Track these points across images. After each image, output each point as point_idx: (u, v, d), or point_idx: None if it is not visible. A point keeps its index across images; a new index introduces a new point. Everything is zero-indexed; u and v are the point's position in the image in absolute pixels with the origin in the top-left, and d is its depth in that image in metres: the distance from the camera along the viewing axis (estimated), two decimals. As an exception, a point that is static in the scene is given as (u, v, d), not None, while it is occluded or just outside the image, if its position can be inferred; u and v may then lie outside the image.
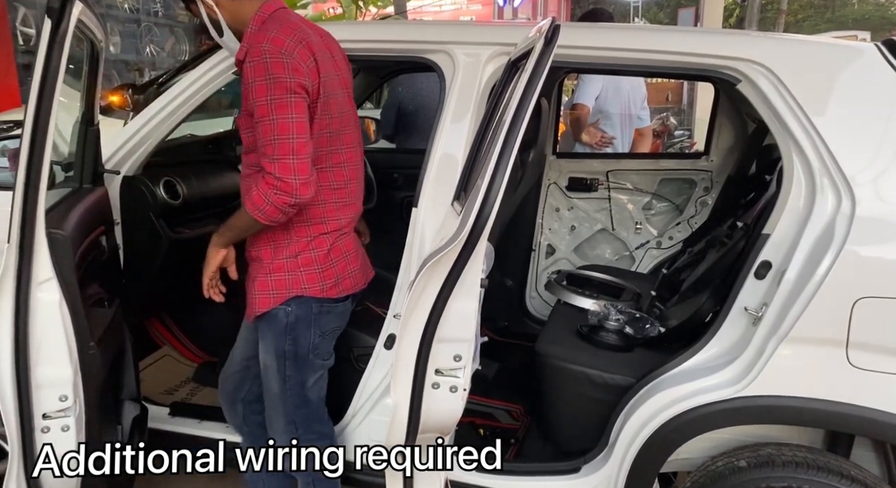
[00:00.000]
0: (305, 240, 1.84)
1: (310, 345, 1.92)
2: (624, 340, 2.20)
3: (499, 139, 1.15)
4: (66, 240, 1.35)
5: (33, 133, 1.23)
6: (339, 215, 1.90)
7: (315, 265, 1.86)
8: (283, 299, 1.84)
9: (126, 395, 2.06)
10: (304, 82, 1.64)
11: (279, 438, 1.96)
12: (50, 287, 1.31)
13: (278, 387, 1.96)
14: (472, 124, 2.04)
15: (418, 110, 3.81)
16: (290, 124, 1.60)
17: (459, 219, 1.30)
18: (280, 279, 1.83)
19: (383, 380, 2.13)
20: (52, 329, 1.32)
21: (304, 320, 1.88)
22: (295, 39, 1.66)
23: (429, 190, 2.06)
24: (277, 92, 1.59)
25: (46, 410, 1.35)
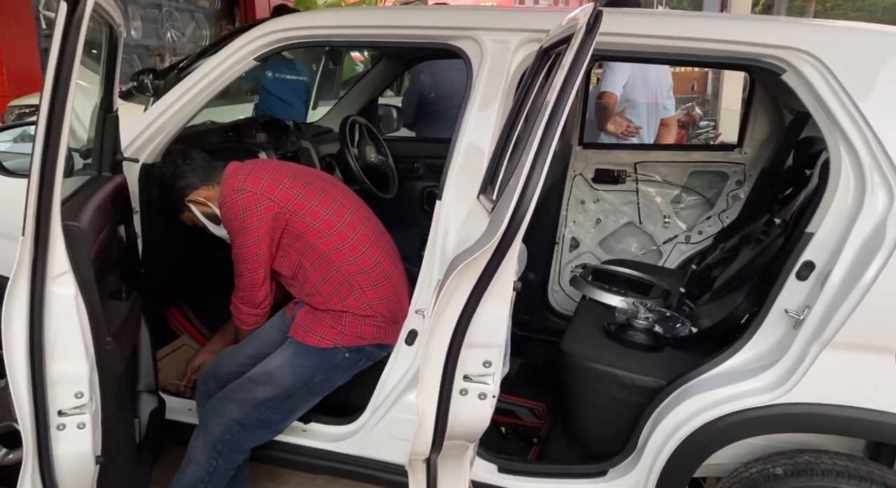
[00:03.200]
0: (383, 301, 2.04)
1: (334, 385, 2.02)
2: (653, 340, 2.12)
3: (537, 132, 1.08)
4: (83, 233, 1.30)
5: (48, 121, 1.18)
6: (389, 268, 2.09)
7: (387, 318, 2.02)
8: (348, 342, 1.96)
9: (143, 387, 2.03)
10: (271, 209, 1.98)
11: (216, 427, 1.95)
12: (65, 281, 1.27)
13: (265, 397, 1.96)
14: (499, 114, 1.97)
15: (440, 98, 3.73)
16: (252, 251, 2.01)
17: (490, 217, 1.23)
18: (353, 323, 1.97)
19: (403, 377, 2.08)
20: (67, 324, 1.28)
21: (350, 366, 2.00)
22: None
23: (453, 182, 2.00)
24: (238, 224, 2.00)
25: (62, 407, 1.31)
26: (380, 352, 2.09)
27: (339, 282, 1.98)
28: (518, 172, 1.12)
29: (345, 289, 1.99)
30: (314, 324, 2.01)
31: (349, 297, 1.99)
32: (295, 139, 3.00)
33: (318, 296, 2.01)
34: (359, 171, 2.97)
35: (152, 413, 1.95)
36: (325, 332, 1.99)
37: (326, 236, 1.97)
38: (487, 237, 1.12)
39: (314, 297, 2.02)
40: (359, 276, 1.99)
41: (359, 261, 1.99)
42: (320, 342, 1.99)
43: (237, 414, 1.95)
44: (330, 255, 1.97)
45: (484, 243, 1.12)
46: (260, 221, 1.93)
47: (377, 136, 3.26)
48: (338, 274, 1.98)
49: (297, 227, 1.96)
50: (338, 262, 1.97)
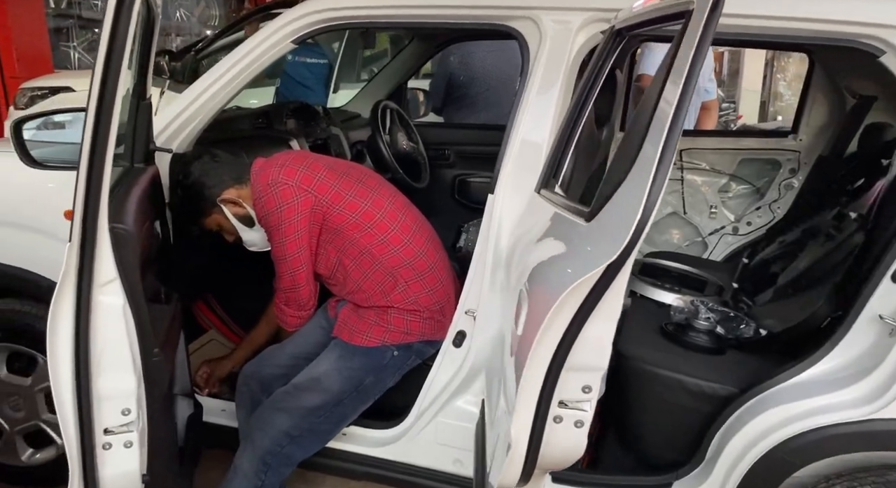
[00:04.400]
0: (428, 294, 1.92)
1: (385, 387, 1.92)
2: (716, 342, 2.00)
3: (663, 128, 0.94)
4: (129, 235, 1.19)
5: (97, 115, 1.06)
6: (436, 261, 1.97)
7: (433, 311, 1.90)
8: (396, 340, 1.85)
9: (179, 390, 1.92)
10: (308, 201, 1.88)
11: (264, 439, 1.84)
12: (113, 289, 1.15)
13: (314, 404, 1.85)
14: (560, 101, 1.83)
15: (470, 82, 3.59)
16: (292, 246, 1.91)
17: (589, 230, 1.10)
18: (399, 318, 1.86)
19: (452, 380, 1.97)
20: (115, 336, 1.17)
21: (399, 365, 1.90)
22: None
23: (508, 174, 1.87)
24: (276, 219, 1.89)
25: (108, 425, 1.20)
26: (428, 348, 1.98)
27: (383, 276, 1.87)
28: (638, 175, 0.98)
29: (388, 284, 1.87)
30: (359, 323, 1.90)
31: (393, 292, 1.88)
32: (325, 126, 2.87)
33: (361, 294, 1.90)
34: (391, 159, 2.85)
35: (190, 418, 1.85)
36: (372, 330, 1.88)
37: (366, 229, 1.85)
38: (598, 252, 0.99)
39: (357, 295, 1.91)
40: (402, 269, 1.87)
41: (401, 252, 1.87)
42: (367, 341, 1.88)
43: (286, 424, 1.84)
44: (371, 249, 1.85)
45: (592, 259, 0.98)
46: (298, 216, 1.81)
47: (408, 122, 3.13)
48: (380, 268, 1.87)
49: (334, 222, 1.84)
50: (380, 256, 1.86)
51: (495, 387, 1.74)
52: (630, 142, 1.05)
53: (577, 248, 1.10)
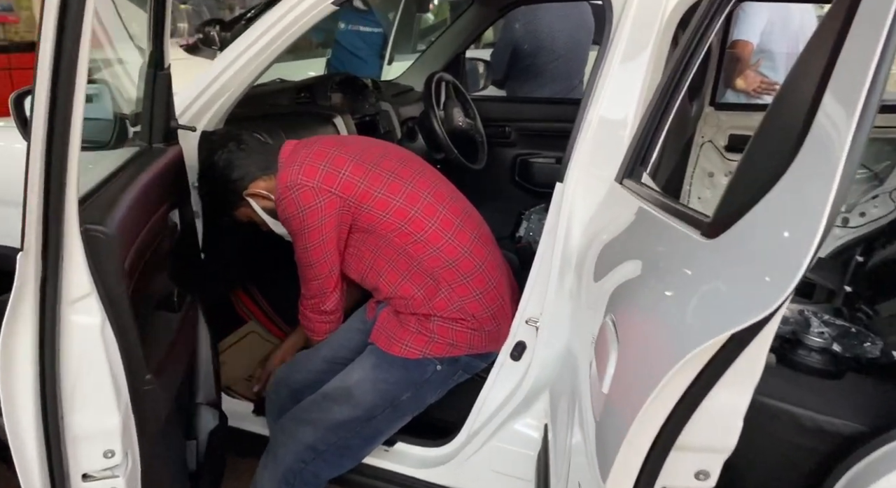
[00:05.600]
0: (477, 299, 1.65)
1: (425, 404, 1.68)
2: (832, 363, 1.65)
3: (854, 89, 0.60)
4: (111, 239, 0.95)
5: (53, 78, 0.81)
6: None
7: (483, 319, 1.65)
8: (439, 352, 1.62)
9: (203, 399, 1.71)
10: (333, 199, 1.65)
11: (287, 454, 1.64)
12: (88, 306, 0.92)
13: (343, 418, 1.62)
14: (649, 71, 1.50)
15: (537, 51, 3.25)
16: (319, 250, 1.70)
17: (714, 253, 0.74)
18: (443, 327, 1.62)
19: (509, 399, 1.70)
20: (92, 363, 0.94)
21: (443, 381, 1.67)
22: None
23: (582, 160, 1.56)
24: (300, 223, 1.67)
25: (88, 470, 0.99)
26: (478, 362, 1.71)
27: (422, 279, 1.61)
28: (801, 171, 0.64)
29: (429, 288, 1.61)
30: (399, 330, 1.64)
31: (435, 297, 1.61)
32: (373, 100, 2.60)
33: (399, 300, 1.64)
34: (445, 138, 2.55)
35: (212, 433, 1.64)
36: (412, 340, 1.62)
37: (400, 227, 1.59)
38: (736, 295, 0.66)
39: (395, 301, 1.65)
40: (444, 271, 1.60)
41: (442, 252, 1.60)
42: (406, 352, 1.62)
43: (311, 437, 1.62)
44: (407, 249, 1.59)
45: (727, 306, 0.65)
46: (322, 220, 1.58)
47: (465, 97, 2.82)
48: (419, 270, 1.60)
49: (365, 221, 1.60)
50: (417, 256, 1.60)
51: (562, 413, 1.46)
52: (784, 121, 0.71)
53: (694, 282, 0.76)
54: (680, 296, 0.73)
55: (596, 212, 1.53)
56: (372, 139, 1.83)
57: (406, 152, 1.78)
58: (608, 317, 0.88)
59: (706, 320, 0.65)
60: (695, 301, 0.70)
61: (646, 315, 0.78)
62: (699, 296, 0.70)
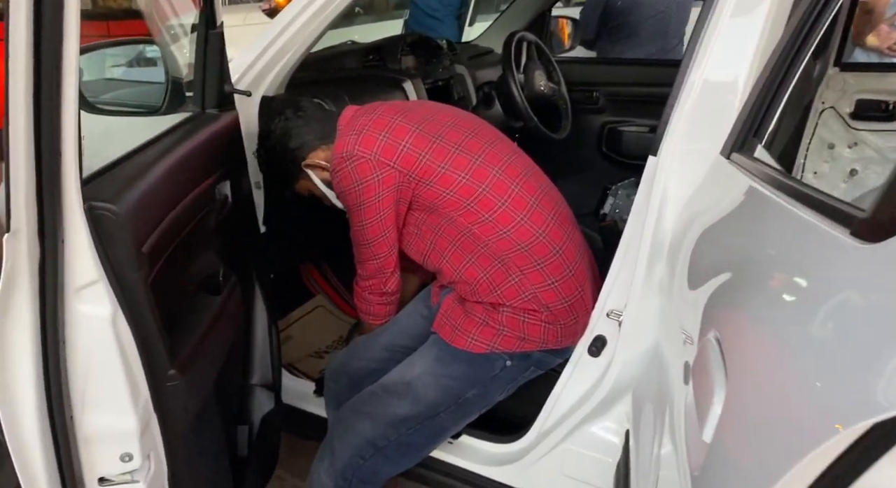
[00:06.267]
0: (552, 288, 1.45)
1: (493, 401, 1.54)
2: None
3: None
4: (122, 219, 0.83)
5: (37, 17, 0.67)
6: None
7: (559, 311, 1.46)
8: (509, 347, 1.46)
9: (258, 381, 1.62)
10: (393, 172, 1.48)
11: (344, 449, 1.51)
12: (95, 294, 0.81)
13: (404, 414, 1.48)
14: (765, 27, 1.25)
15: (632, 8, 2.95)
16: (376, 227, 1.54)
17: (877, 264, 0.51)
18: (513, 319, 1.44)
19: (586, 399, 1.52)
20: (103, 359, 0.84)
21: (512, 378, 1.51)
22: None
23: (680, 128, 1.33)
24: (356, 199, 1.52)
25: (105, 473, 0.89)
26: (553, 358, 1.53)
27: (490, 264, 1.42)
28: None
29: (497, 274, 1.42)
30: (464, 320, 1.47)
31: (504, 284, 1.43)
32: (448, 64, 2.41)
33: (465, 285, 1.47)
34: (525, 104, 2.33)
35: (266, 418, 1.55)
36: (479, 332, 1.45)
37: (466, 206, 1.41)
38: None
39: (460, 286, 1.48)
40: (515, 255, 1.41)
41: (513, 234, 1.41)
42: (472, 345, 1.46)
43: (370, 432, 1.49)
44: (472, 230, 1.41)
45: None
46: (379, 195, 1.43)
47: (549, 58, 2.58)
48: (486, 253, 1.42)
49: (426, 198, 1.43)
50: (484, 238, 1.41)
51: (647, 420, 1.27)
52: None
53: (846, 306, 0.51)
54: (824, 325, 0.52)
55: (696, 191, 1.30)
56: (441, 105, 1.65)
57: (477, 121, 1.60)
58: (711, 334, 0.68)
59: (871, 370, 0.44)
60: (849, 336, 0.48)
61: (770, 347, 0.57)
62: (855, 330, 0.48)
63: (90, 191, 0.81)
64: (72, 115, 0.74)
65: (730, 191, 1.15)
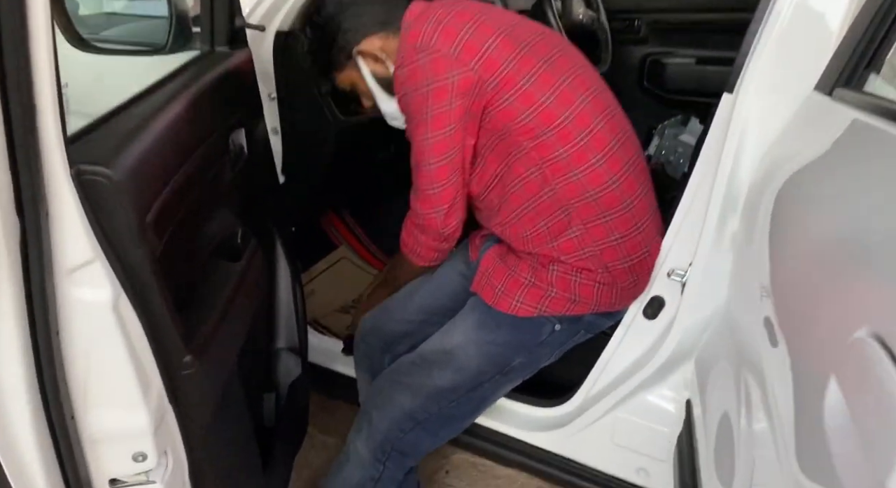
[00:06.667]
0: (614, 244, 1.28)
1: (538, 367, 1.39)
2: None
3: None
4: (120, 185, 0.68)
5: None
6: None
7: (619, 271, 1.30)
8: (558, 310, 1.30)
9: (284, 344, 1.51)
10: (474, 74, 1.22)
11: (382, 420, 1.39)
12: (92, 276, 0.67)
13: (445, 385, 1.35)
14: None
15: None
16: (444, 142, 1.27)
17: None
18: (564, 279, 1.28)
19: (640, 365, 1.39)
20: (105, 349, 0.71)
21: (561, 342, 1.36)
22: None
23: (763, 62, 1.14)
24: (424, 102, 1.24)
25: (116, 474, 0.78)
26: (605, 321, 1.39)
27: (552, 212, 1.24)
28: None
29: (559, 224, 1.25)
30: (508, 280, 1.31)
31: (563, 236, 1.25)
32: (479, -10, 2.18)
33: (519, 230, 1.29)
34: (561, 33, 2.12)
35: (293, 385, 1.44)
36: (525, 294, 1.30)
37: (542, 136, 1.20)
38: None
39: (512, 229, 1.30)
40: (581, 205, 1.22)
41: (584, 178, 1.21)
42: (518, 308, 1.31)
43: (409, 405, 1.37)
44: (543, 169, 1.22)
45: None
46: (451, 102, 1.19)
47: (589, -17, 2.33)
48: (551, 199, 1.23)
49: (499, 120, 1.21)
50: (552, 181, 1.22)
51: (718, 392, 1.15)
52: None
53: None
54: None
55: (782, 133, 1.13)
56: (524, 16, 1.41)
57: (560, 38, 1.37)
58: (864, 332, 0.53)
59: None
60: None
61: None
62: None
63: (78, 152, 0.66)
64: (45, 51, 0.58)
65: (829, 132, 0.97)
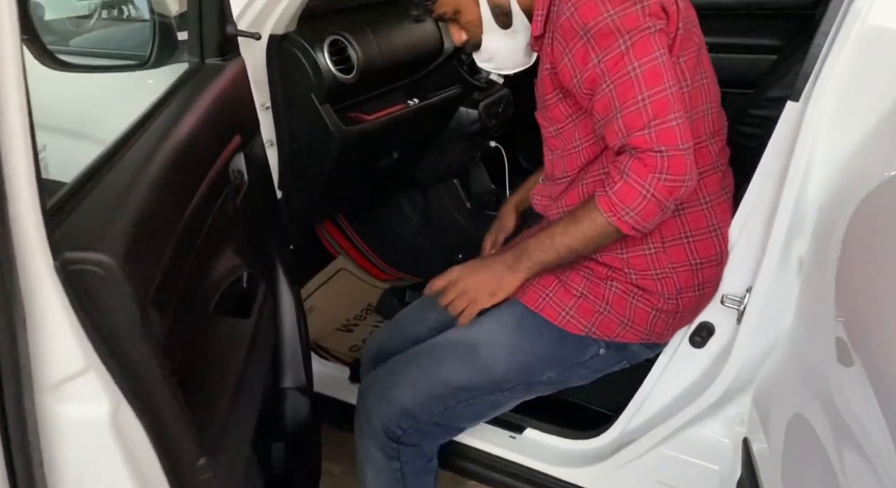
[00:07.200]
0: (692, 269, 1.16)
1: (565, 386, 1.27)
2: None
3: None
4: (118, 272, 0.53)
5: None
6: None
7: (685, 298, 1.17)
8: (608, 334, 1.17)
9: (291, 383, 1.37)
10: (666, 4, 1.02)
11: (379, 421, 1.24)
12: (84, 388, 0.53)
13: (460, 383, 1.21)
14: None
15: None
16: (659, 67, 0.98)
17: None
18: (622, 299, 1.16)
19: (692, 398, 1.27)
20: (103, 474, 0.56)
21: (599, 368, 1.25)
22: None
23: (840, 67, 1.01)
24: (629, 25, 0.97)
25: None
26: (648, 352, 1.27)
27: None
28: None
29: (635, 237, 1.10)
30: (558, 287, 1.16)
31: (636, 249, 1.14)
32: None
33: None
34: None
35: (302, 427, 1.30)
36: (576, 307, 1.16)
37: None
38: None
39: None
40: (664, 221, 1.09)
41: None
42: (567, 322, 1.17)
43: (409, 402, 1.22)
44: None
45: None
46: (654, 26, 0.98)
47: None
48: None
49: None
50: None
51: (786, 431, 1.04)
52: None
53: None
54: None
55: (861, 147, 1.00)
56: None
57: None
58: None
59: None
60: None
61: None
62: None
63: (62, 236, 0.50)
64: (14, 95, 0.42)
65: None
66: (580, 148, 1.15)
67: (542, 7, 1.10)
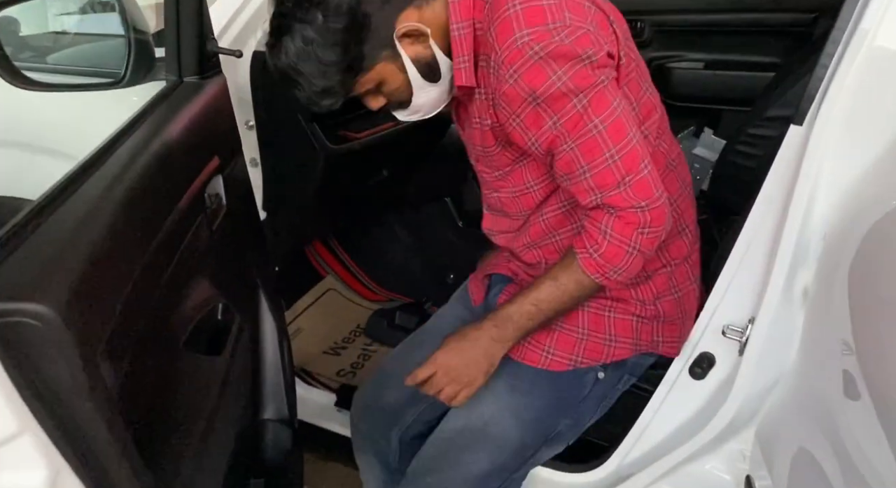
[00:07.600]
0: (666, 272, 1.15)
1: (585, 426, 1.22)
2: None
3: None
4: (56, 323, 0.47)
5: None
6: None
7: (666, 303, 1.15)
8: (596, 358, 1.14)
9: (272, 415, 1.31)
10: (610, 49, 0.95)
11: None
12: (16, 454, 0.47)
13: (484, 469, 1.15)
14: None
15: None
16: (621, 120, 0.94)
17: None
18: (598, 316, 1.13)
19: (692, 432, 1.21)
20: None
21: (606, 392, 1.19)
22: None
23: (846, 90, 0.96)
24: (581, 85, 0.91)
25: None
26: (646, 359, 1.22)
27: None
28: None
29: None
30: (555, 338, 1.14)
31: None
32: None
33: (560, 243, 1.12)
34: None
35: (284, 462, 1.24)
36: (554, 342, 1.12)
37: None
38: None
39: (553, 245, 1.13)
40: None
41: None
42: (550, 362, 1.12)
43: None
44: None
45: None
46: (606, 74, 0.93)
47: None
48: None
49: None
50: None
51: (789, 470, 0.99)
52: None
53: None
54: None
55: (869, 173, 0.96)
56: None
57: None
58: None
59: None
60: None
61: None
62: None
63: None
64: None
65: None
66: (534, 188, 1.09)
67: (466, 52, 0.98)
